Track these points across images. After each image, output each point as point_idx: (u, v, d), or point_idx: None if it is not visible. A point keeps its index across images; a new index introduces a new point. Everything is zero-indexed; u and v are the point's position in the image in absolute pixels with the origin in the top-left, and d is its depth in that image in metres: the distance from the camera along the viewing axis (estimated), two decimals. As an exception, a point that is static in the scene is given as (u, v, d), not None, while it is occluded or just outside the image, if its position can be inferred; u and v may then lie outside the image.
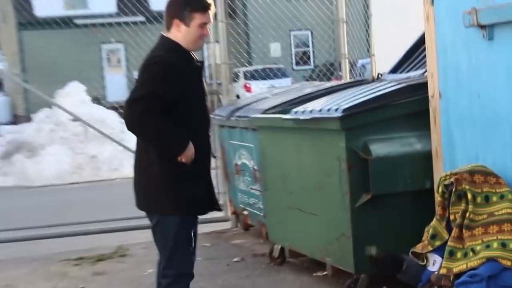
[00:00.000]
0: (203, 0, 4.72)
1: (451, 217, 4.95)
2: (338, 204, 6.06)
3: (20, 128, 19.73)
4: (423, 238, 5.19)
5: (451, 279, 4.83)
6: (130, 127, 4.69)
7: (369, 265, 5.86)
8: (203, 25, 4.73)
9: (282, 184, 6.97)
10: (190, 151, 4.67)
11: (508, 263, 4.60)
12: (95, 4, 32.43)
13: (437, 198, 5.06)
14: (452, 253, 4.89)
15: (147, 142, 4.74)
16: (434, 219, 5.11)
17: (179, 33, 4.73)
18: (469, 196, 4.85)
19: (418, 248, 5.17)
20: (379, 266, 5.75)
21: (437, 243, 5.07)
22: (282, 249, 7.36)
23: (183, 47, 4.75)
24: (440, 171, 5.72)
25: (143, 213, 9.29)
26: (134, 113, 4.62)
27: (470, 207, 4.84)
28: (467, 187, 4.86)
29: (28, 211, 10.75)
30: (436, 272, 5.01)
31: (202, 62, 4.90)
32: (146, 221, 9.22)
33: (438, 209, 5.08)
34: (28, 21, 35.98)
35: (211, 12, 4.78)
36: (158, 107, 4.59)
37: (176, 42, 4.75)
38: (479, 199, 4.85)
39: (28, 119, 25.67)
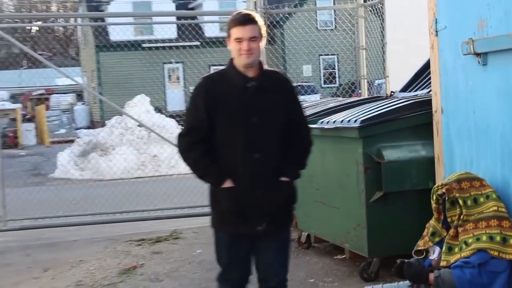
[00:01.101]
0: (238, 17, 4.09)
1: (449, 219, 4.90)
2: (355, 199, 6.05)
3: (95, 132, 19.87)
4: (424, 234, 5.14)
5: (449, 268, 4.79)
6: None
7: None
8: (238, 39, 4.05)
9: (309, 182, 6.95)
10: (226, 185, 4.12)
11: (496, 253, 4.56)
12: (159, 31, 32.45)
13: (433, 204, 5.01)
14: (450, 249, 4.85)
15: None
16: (433, 219, 5.07)
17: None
18: (461, 202, 4.80)
19: (420, 245, 5.12)
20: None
21: (437, 239, 5.03)
22: (308, 236, 7.36)
23: (235, 66, 4.15)
24: (441, 173, 5.69)
25: (195, 203, 9.30)
26: (180, 148, 4.23)
27: (464, 210, 4.80)
28: (457, 194, 4.81)
29: (100, 200, 10.82)
30: (436, 258, 4.98)
31: (259, 82, 4.14)
32: (197, 210, 9.24)
33: (434, 213, 5.04)
34: (104, 44, 36.30)
35: (247, 28, 4.05)
36: (200, 139, 4.14)
37: (232, 62, 4.17)
38: (469, 202, 4.80)
39: (102, 124, 25.87)
